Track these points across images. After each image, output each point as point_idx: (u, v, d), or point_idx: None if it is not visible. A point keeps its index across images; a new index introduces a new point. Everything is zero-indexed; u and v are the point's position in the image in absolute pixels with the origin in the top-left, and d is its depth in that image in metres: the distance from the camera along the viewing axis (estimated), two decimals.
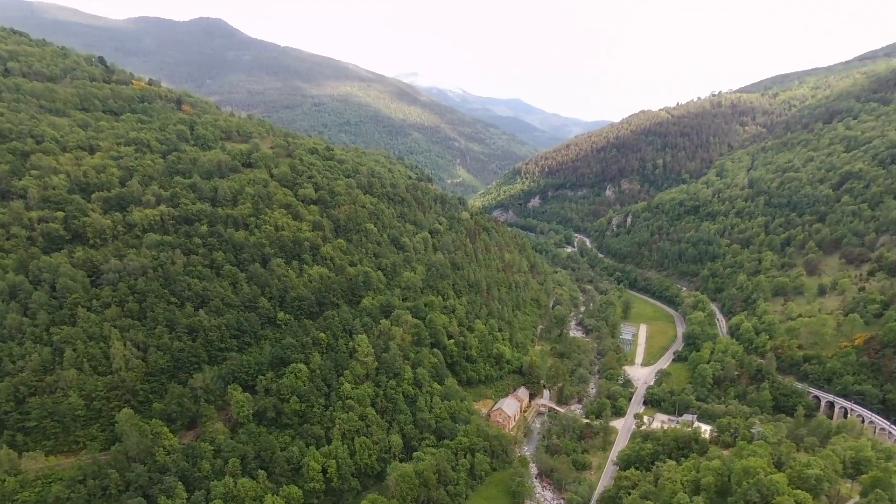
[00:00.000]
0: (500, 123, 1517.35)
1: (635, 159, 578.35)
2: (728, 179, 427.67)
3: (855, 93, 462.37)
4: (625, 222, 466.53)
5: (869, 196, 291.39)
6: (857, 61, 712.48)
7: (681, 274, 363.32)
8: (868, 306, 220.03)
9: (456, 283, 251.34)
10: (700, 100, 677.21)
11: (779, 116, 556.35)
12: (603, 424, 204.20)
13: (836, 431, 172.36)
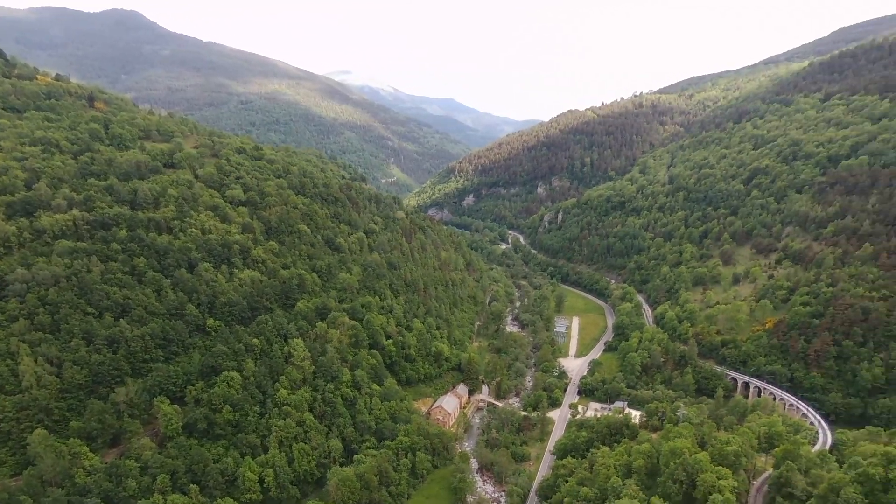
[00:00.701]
0: (432, 122, 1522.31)
1: (565, 157, 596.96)
2: (650, 176, 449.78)
3: (761, 94, 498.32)
4: (556, 219, 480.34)
5: (775, 190, 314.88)
6: (762, 65, 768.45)
7: (609, 267, 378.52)
8: (776, 292, 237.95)
9: (393, 283, 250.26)
10: (623, 100, 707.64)
11: (695, 116, 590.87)
12: (540, 416, 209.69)
13: (752, 410, 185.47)
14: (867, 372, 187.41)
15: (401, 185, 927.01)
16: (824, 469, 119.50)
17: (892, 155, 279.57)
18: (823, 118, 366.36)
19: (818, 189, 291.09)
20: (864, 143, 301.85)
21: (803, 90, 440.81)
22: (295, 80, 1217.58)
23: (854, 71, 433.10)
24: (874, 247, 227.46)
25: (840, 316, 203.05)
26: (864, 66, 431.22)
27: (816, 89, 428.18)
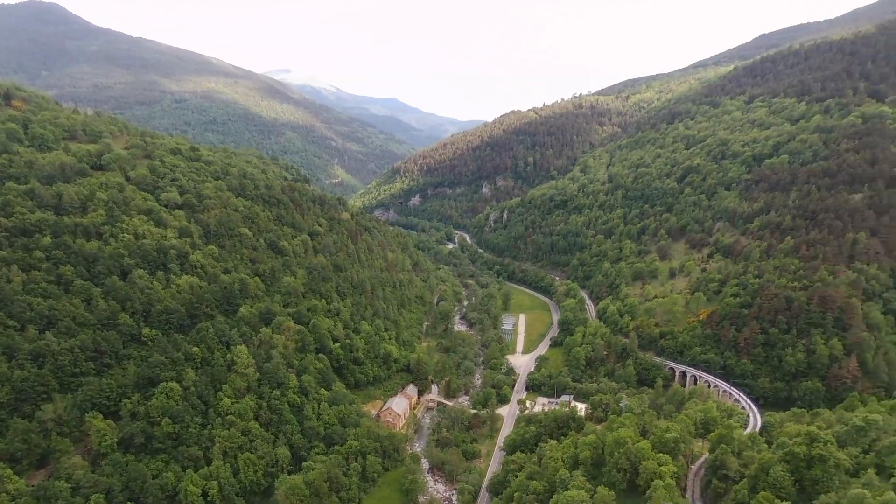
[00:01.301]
0: (376, 122, 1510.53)
1: (508, 157, 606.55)
2: (591, 175, 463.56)
3: (691, 96, 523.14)
4: (501, 218, 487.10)
5: (706, 188, 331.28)
6: (692, 68, 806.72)
7: (554, 264, 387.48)
8: (709, 285, 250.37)
9: (339, 286, 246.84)
10: (564, 101, 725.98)
11: (631, 117, 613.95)
12: (489, 413, 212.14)
13: (689, 397, 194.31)
14: (791, 357, 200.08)
15: (345, 185, 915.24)
16: (755, 450, 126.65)
17: (808, 154, 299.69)
18: (748, 119, 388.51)
19: (745, 186, 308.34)
20: (785, 142, 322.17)
21: (729, 93, 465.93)
22: (232, 79, 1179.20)
23: (774, 75, 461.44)
24: (795, 240, 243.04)
25: (766, 305, 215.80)
26: (783, 71, 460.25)
27: (741, 92, 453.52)
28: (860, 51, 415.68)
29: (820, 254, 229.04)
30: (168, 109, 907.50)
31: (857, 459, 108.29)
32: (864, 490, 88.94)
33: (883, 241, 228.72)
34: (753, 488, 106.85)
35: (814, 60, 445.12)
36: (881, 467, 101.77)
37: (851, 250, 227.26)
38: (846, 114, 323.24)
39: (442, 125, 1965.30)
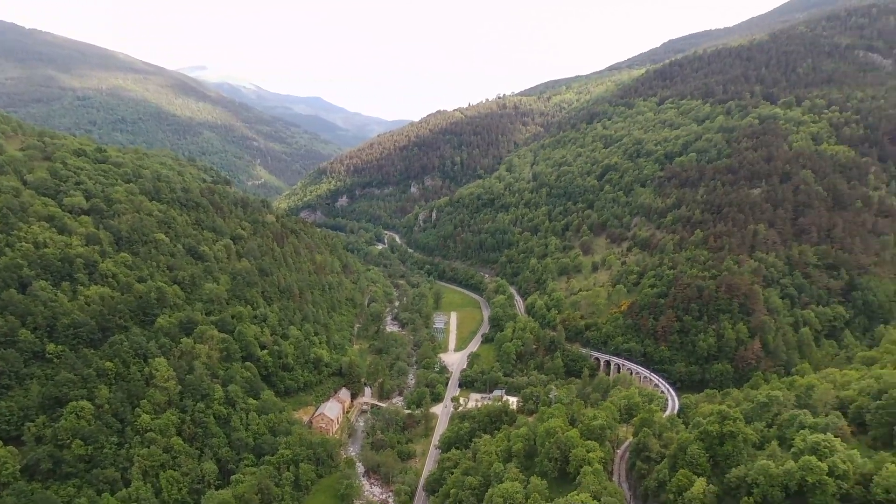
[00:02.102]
0: (300, 122, 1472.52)
1: (436, 157, 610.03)
2: (516, 174, 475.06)
3: (608, 98, 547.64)
4: (430, 217, 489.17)
5: (623, 185, 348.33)
6: (607, 71, 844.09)
7: (483, 262, 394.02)
8: (629, 277, 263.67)
9: (265, 291, 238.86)
10: (488, 101, 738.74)
11: (552, 117, 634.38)
12: (424, 412, 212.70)
13: (613, 385, 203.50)
14: (703, 342, 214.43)
15: (269, 187, 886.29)
16: (674, 431, 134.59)
17: (713, 152, 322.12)
18: (659, 120, 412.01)
19: (658, 183, 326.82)
20: (692, 141, 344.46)
21: (642, 94, 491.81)
22: (142, 75, 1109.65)
23: (682, 78, 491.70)
24: (704, 232, 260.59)
25: (680, 295, 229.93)
26: (690, 74, 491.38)
27: (653, 94, 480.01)
28: (755, 57, 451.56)
29: (726, 245, 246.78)
30: (70, 108, 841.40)
31: (762, 433, 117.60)
32: (768, 461, 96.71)
33: (779, 232, 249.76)
34: (673, 467, 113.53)
35: (715, 65, 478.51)
36: (782, 439, 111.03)
37: (753, 241, 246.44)
38: (745, 115, 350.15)
39: (368, 125, 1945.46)
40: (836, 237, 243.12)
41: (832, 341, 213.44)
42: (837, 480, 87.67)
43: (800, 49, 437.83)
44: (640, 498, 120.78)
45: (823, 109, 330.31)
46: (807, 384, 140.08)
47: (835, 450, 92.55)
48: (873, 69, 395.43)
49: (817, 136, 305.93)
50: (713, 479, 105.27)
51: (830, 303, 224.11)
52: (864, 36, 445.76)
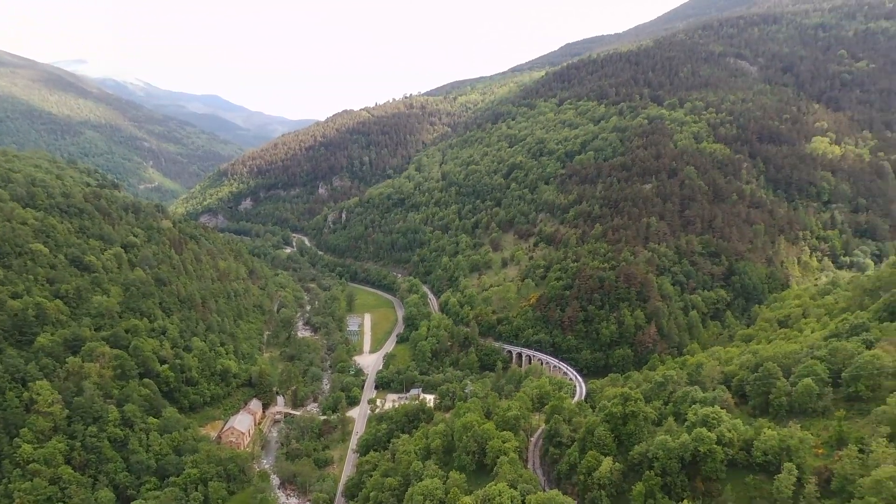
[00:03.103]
0: (197, 121, 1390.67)
1: (343, 157, 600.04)
2: (426, 173, 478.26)
3: (511, 99, 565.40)
4: (340, 218, 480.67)
5: (528, 182, 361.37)
6: (510, 73, 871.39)
7: (395, 262, 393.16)
8: (536, 271, 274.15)
9: (164, 301, 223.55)
10: (395, 101, 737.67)
11: (459, 117, 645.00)
12: (340, 417, 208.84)
13: (525, 376, 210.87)
14: (606, 330, 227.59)
15: (164, 191, 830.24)
16: (582, 416, 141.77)
17: (609, 151, 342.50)
18: (559, 120, 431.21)
19: (560, 180, 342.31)
20: (590, 140, 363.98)
21: (543, 95, 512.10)
22: (9, 68, 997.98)
23: (579, 80, 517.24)
24: (603, 226, 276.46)
25: (583, 286, 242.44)
26: (586, 77, 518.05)
27: (552, 95, 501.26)
28: (643, 61, 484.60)
29: (623, 237, 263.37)
30: None
31: (660, 411, 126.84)
32: (666, 436, 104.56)
33: (668, 224, 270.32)
34: (582, 449, 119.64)
35: (609, 68, 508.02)
36: (678, 414, 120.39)
37: (646, 233, 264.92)
38: (635, 116, 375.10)
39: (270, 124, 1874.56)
40: (717, 227, 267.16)
41: (716, 322, 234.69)
42: (724, 448, 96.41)
43: (680, 55, 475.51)
44: (554, 482, 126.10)
45: (702, 111, 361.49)
46: (696, 363, 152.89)
47: (721, 420, 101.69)
48: (742, 75, 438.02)
49: (698, 135, 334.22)
50: (619, 458, 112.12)
51: (714, 287, 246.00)
52: (733, 44, 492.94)
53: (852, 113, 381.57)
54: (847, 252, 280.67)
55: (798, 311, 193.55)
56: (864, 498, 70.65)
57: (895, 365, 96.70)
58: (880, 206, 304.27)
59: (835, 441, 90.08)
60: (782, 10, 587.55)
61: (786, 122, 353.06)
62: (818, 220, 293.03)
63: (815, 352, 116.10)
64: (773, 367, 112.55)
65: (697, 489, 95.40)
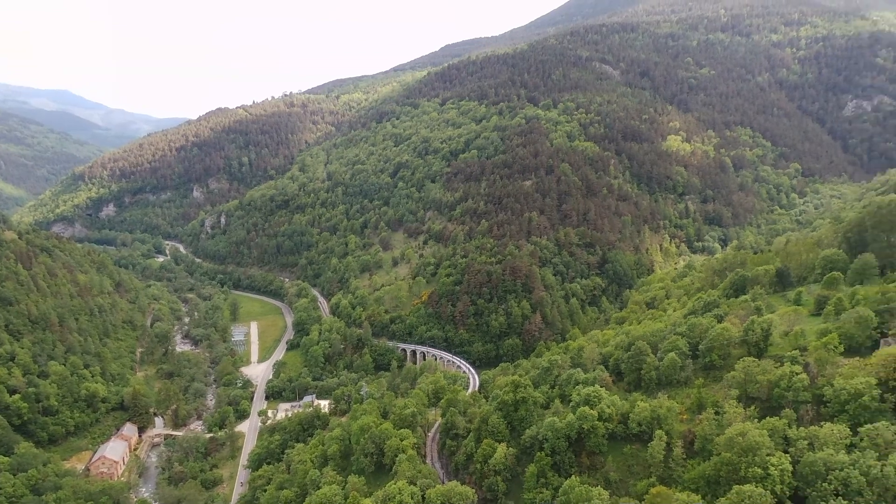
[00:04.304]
0: (44, 119, 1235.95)
1: (220, 157, 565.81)
2: (310, 174, 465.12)
3: (395, 98, 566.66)
4: (219, 222, 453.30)
5: (415, 181, 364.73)
6: (393, 72, 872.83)
7: (282, 266, 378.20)
8: (427, 268, 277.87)
9: (11, 323, 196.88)
10: (275, 99, 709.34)
11: (343, 116, 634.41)
12: (229, 433, 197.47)
13: (420, 373, 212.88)
14: (495, 322, 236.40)
15: (6, 198, 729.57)
16: (476, 406, 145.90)
17: (491, 149, 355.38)
18: (443, 119, 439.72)
19: (446, 178, 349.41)
20: (473, 139, 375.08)
21: (426, 95, 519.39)
22: None
23: (460, 81, 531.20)
24: (488, 222, 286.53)
25: (473, 281, 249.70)
26: (466, 77, 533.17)
27: (435, 95, 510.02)
28: (519, 64, 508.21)
29: (507, 232, 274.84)
30: None
31: (548, 394, 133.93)
32: (554, 417, 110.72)
33: (548, 218, 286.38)
34: (478, 439, 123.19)
35: (487, 70, 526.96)
36: (563, 396, 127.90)
37: (529, 227, 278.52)
38: (514, 115, 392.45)
39: (133, 123, 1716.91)
40: (590, 219, 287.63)
41: (594, 308, 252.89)
42: (605, 423, 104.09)
43: (552, 59, 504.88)
44: (452, 473, 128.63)
45: (574, 111, 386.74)
46: (578, 346, 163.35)
47: (601, 398, 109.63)
48: (607, 78, 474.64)
49: (571, 134, 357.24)
50: (512, 443, 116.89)
51: (590, 275, 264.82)
52: (598, 50, 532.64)
53: (699, 114, 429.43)
54: (699, 238, 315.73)
55: (662, 293, 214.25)
56: (720, 454, 79.89)
57: (741, 335, 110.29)
58: (724, 197, 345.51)
59: (695, 407, 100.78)
60: (638, 19, 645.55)
61: (645, 122, 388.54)
62: (675, 210, 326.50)
63: (676, 329, 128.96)
64: (643, 345, 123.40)
65: (583, 464, 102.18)
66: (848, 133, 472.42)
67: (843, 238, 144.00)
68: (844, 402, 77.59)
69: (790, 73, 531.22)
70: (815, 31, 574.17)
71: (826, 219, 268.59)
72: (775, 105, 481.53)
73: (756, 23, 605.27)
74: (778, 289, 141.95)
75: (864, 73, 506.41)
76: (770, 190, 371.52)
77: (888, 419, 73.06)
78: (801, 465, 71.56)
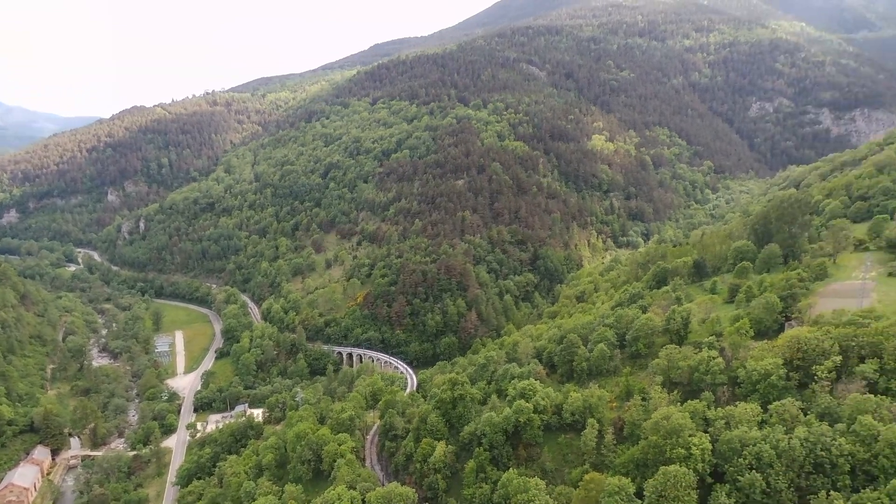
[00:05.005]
0: None
1: (137, 159, 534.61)
2: (237, 175, 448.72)
3: (324, 97, 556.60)
4: (138, 227, 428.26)
5: (347, 181, 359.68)
6: (321, 70, 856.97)
7: (208, 272, 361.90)
8: (361, 270, 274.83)
9: None
10: (196, 97, 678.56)
11: (270, 116, 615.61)
12: (154, 449, 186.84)
13: (357, 375, 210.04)
14: (432, 321, 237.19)
15: None
16: (415, 406, 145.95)
17: (423, 149, 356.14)
18: (374, 119, 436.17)
19: (379, 178, 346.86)
20: (405, 139, 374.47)
21: (356, 94, 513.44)
22: None
23: (390, 80, 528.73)
24: (422, 222, 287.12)
25: (408, 280, 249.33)
26: (397, 77, 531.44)
27: (365, 94, 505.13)
28: (448, 64, 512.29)
29: (441, 231, 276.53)
30: None
31: (485, 390, 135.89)
32: (491, 413, 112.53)
33: (481, 216, 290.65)
34: (417, 438, 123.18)
35: (418, 69, 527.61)
36: (500, 391, 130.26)
37: (462, 226, 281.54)
38: (445, 115, 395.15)
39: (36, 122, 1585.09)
40: (522, 217, 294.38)
41: (527, 303, 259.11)
42: (540, 415, 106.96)
43: (481, 59, 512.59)
44: (392, 475, 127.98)
45: (503, 111, 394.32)
46: (512, 342, 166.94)
47: (536, 391, 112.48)
48: (533, 79, 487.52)
49: (501, 134, 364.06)
50: (451, 440, 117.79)
51: (523, 272, 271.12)
52: (525, 52, 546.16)
53: (620, 115, 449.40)
54: (624, 233, 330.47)
55: (591, 286, 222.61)
56: (647, 438, 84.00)
57: (663, 324, 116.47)
58: (645, 194, 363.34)
59: (624, 394, 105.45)
60: (562, 23, 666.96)
61: (571, 122, 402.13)
62: (601, 207, 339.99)
63: (605, 320, 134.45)
64: (574, 337, 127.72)
65: (521, 456, 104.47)
66: (753, 132, 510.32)
67: (752, 230, 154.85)
68: (755, 382, 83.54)
69: (701, 76, 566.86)
70: (723, 37, 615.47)
71: (736, 213, 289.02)
72: (689, 106, 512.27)
73: (670, 28, 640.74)
74: (696, 279, 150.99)
75: (765, 77, 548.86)
76: (686, 186, 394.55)
77: (793, 395, 79.37)
78: (719, 443, 76.37)
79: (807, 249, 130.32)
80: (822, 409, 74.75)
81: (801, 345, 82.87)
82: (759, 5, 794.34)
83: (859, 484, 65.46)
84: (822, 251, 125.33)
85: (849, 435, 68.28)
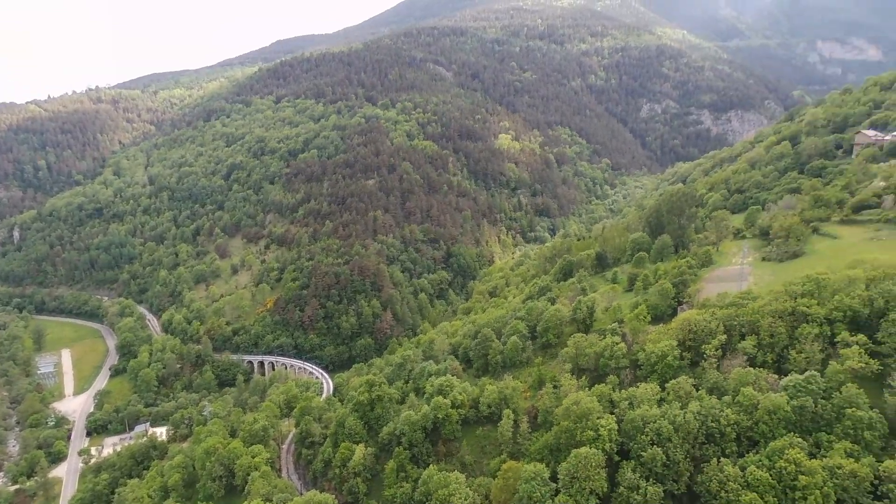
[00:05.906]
0: None
1: (8, 161, 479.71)
2: (128, 178, 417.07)
3: (224, 95, 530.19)
4: (11, 237, 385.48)
5: (252, 183, 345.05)
6: (219, 67, 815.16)
7: (98, 283, 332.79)
8: (270, 274, 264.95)
9: None
10: (76, 94, 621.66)
11: (164, 114, 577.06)
12: (40, 481, 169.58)
13: (270, 384, 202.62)
14: (346, 323, 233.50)
15: None
16: (332, 411, 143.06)
17: (332, 148, 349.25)
18: (279, 118, 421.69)
19: (286, 179, 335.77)
20: (312, 138, 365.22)
21: (258, 92, 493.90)
22: None
23: (294, 78, 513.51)
24: (333, 223, 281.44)
25: (320, 283, 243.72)
26: (301, 75, 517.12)
27: (269, 92, 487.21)
28: (355, 62, 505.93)
29: (353, 232, 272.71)
30: None
31: (403, 389, 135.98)
32: (410, 411, 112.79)
33: (393, 216, 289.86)
34: (335, 443, 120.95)
35: (324, 67, 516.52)
36: (418, 389, 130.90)
37: (374, 226, 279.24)
38: (353, 114, 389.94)
39: None
40: (434, 216, 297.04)
41: (442, 301, 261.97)
42: (458, 410, 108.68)
43: (388, 59, 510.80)
44: (311, 482, 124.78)
45: (412, 111, 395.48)
46: (429, 340, 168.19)
47: (453, 386, 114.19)
48: (441, 79, 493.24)
49: (410, 133, 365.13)
50: (370, 442, 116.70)
51: (436, 270, 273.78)
52: (431, 52, 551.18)
53: (525, 114, 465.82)
54: (532, 229, 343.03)
55: (502, 281, 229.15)
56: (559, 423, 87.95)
57: (571, 314, 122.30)
58: (550, 190, 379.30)
59: (537, 384, 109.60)
60: (466, 24, 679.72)
61: (478, 121, 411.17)
62: (509, 204, 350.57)
63: (517, 314, 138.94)
64: (488, 332, 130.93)
65: (440, 452, 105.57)
66: (645, 132, 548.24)
67: (646, 223, 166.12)
68: (654, 363, 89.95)
69: (598, 78, 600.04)
70: (615, 42, 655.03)
71: (632, 207, 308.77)
72: (587, 107, 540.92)
73: (568, 32, 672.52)
74: (598, 270, 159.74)
75: (654, 80, 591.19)
76: (588, 183, 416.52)
77: (686, 373, 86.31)
78: (624, 423, 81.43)
79: (694, 239, 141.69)
80: (711, 384, 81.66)
81: (692, 326, 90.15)
82: (646, 13, 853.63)
83: (744, 449, 72.37)
84: (707, 240, 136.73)
85: (734, 406, 75.16)
